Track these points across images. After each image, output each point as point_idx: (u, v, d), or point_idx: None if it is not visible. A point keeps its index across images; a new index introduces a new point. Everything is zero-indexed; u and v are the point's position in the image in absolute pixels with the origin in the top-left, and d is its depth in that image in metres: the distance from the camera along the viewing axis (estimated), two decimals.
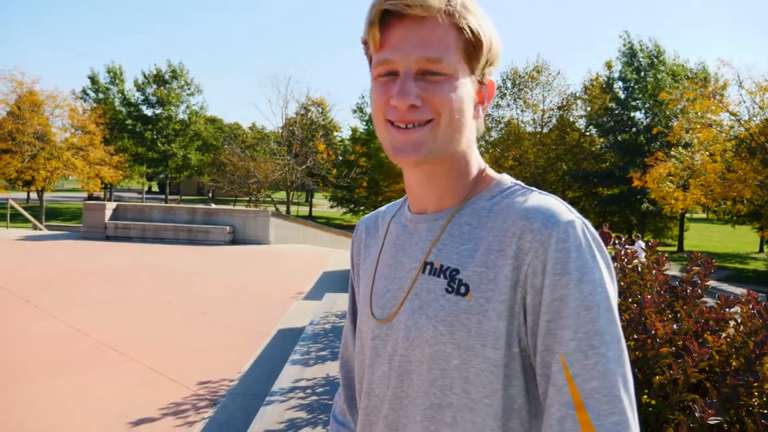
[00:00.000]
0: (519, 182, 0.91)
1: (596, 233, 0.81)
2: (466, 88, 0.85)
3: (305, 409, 3.26)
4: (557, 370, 0.75)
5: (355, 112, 47.47)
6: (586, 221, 0.82)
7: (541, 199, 0.84)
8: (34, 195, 42.78)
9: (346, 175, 37.29)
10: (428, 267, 0.88)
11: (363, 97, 48.60)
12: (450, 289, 0.84)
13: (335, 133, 45.93)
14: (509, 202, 0.86)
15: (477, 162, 0.92)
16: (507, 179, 0.92)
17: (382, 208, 1.10)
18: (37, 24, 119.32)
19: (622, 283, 2.63)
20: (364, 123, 46.76)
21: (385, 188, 44.32)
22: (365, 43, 0.87)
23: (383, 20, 0.83)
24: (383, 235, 1.02)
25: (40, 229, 18.88)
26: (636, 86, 32.36)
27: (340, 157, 40.85)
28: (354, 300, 1.14)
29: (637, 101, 32.58)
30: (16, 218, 22.96)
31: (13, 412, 3.85)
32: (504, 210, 0.85)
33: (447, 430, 0.83)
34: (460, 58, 0.83)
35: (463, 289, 0.82)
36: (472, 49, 0.84)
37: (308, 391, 3.57)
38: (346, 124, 44.30)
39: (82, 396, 4.17)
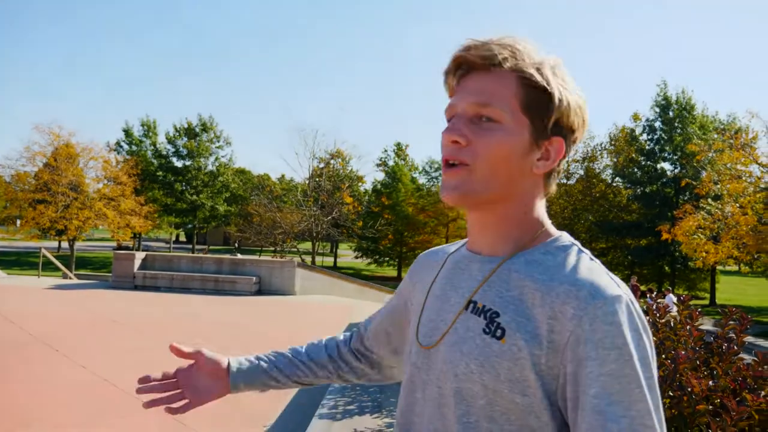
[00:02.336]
0: (576, 242, 0.91)
1: (641, 312, 0.81)
2: (518, 138, 0.87)
3: None
4: None
5: (378, 165, 48.06)
6: (633, 298, 0.82)
7: (591, 267, 0.85)
8: (64, 244, 43.71)
9: (371, 226, 37.44)
10: (471, 305, 0.89)
11: (386, 151, 49.37)
12: (487, 331, 0.85)
13: (360, 185, 46.51)
14: (561, 261, 0.86)
15: (538, 217, 0.93)
16: (566, 238, 0.92)
17: (448, 245, 1.13)
18: (77, 77, 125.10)
19: (654, 339, 2.58)
20: (387, 176, 47.28)
21: (410, 239, 44.39)
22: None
23: (461, 69, 0.90)
24: (439, 268, 1.03)
25: (70, 278, 19.22)
26: (665, 137, 32.28)
27: (365, 209, 41.17)
28: (395, 303, 1.17)
29: (665, 152, 32.45)
30: (47, 267, 23.39)
31: None
32: (554, 268, 0.85)
33: None
34: (516, 108, 0.86)
35: (499, 333, 0.83)
36: (535, 102, 0.86)
37: None
38: (371, 176, 44.89)
39: None
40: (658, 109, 32.97)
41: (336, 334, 1.20)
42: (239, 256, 18.59)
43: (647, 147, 33.02)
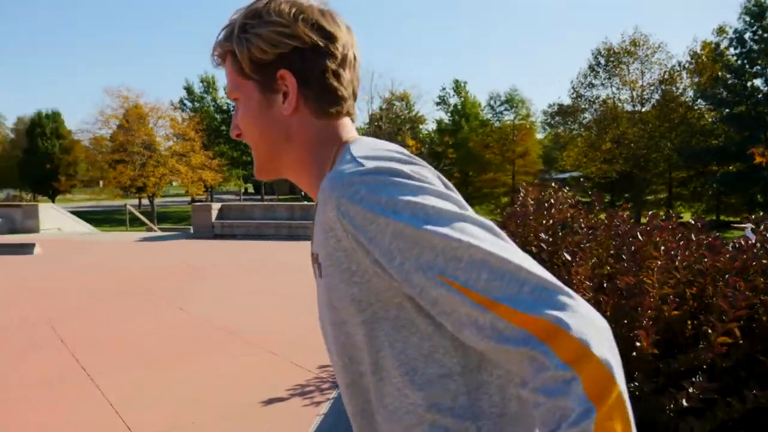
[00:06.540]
0: (356, 140, 0.89)
1: (389, 167, 0.75)
2: (251, 100, 0.91)
3: None
4: (446, 292, 0.69)
5: (438, 104, 47.02)
6: (380, 161, 0.76)
7: (343, 159, 0.81)
8: (144, 201, 45.78)
9: (435, 167, 36.97)
10: (312, 257, 0.89)
11: (444, 89, 48.20)
12: (318, 274, 0.85)
13: (421, 126, 45.80)
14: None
15: (328, 146, 0.90)
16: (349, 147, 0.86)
17: None
18: (139, 37, 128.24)
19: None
20: (449, 114, 46.28)
21: (475, 179, 43.65)
22: None
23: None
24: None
25: (155, 231, 20.09)
26: (756, 49, 29.19)
27: (428, 149, 40.65)
28: None
29: (757, 68, 29.46)
30: (133, 222, 24.61)
31: (170, 388, 4.05)
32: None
33: (370, 395, 0.85)
34: (238, 77, 0.91)
35: (320, 271, 0.84)
36: (240, 63, 0.90)
37: None
38: (431, 117, 43.60)
39: (217, 377, 4.29)
40: (748, 17, 29.56)
41: None
42: (307, 203, 18.77)
43: (736, 63, 30.19)
